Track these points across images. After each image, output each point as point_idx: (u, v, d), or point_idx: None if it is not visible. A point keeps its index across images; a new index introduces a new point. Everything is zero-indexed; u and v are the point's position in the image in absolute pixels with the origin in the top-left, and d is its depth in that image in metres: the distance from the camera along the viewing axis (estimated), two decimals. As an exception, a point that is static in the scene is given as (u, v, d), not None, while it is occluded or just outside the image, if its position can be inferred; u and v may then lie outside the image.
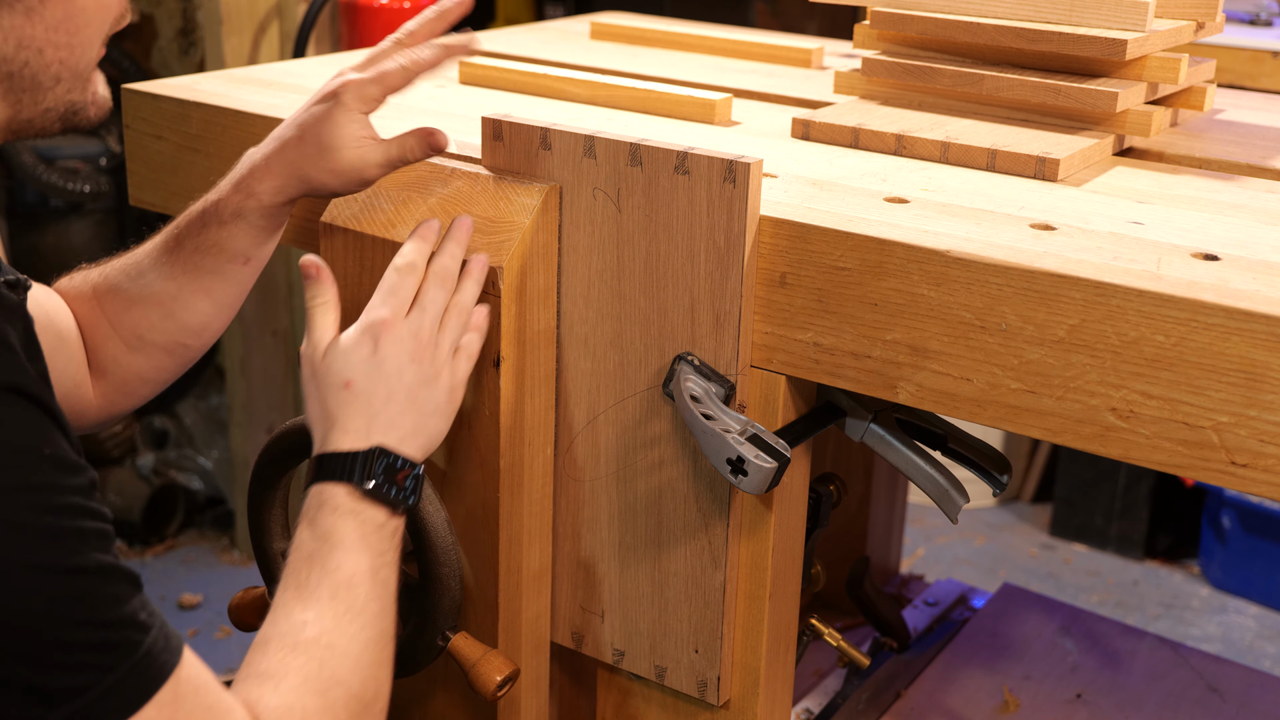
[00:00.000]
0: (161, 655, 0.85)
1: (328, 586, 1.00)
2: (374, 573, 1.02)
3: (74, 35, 0.94)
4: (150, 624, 0.85)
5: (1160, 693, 1.58)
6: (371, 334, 1.08)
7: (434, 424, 1.09)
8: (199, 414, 3.25)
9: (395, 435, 1.06)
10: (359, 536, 1.02)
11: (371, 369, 1.07)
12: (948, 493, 1.21)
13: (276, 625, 0.98)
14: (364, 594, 1.01)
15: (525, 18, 3.39)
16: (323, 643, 0.97)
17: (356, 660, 0.99)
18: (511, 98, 1.53)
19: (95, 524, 0.83)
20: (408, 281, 1.11)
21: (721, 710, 1.25)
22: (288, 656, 0.96)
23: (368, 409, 1.06)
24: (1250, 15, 2.62)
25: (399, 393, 1.07)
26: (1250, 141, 1.40)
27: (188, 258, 1.21)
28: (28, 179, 2.95)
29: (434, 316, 1.10)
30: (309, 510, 1.04)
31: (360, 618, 1.00)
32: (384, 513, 1.04)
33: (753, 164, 1.07)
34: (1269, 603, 3.09)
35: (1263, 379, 0.91)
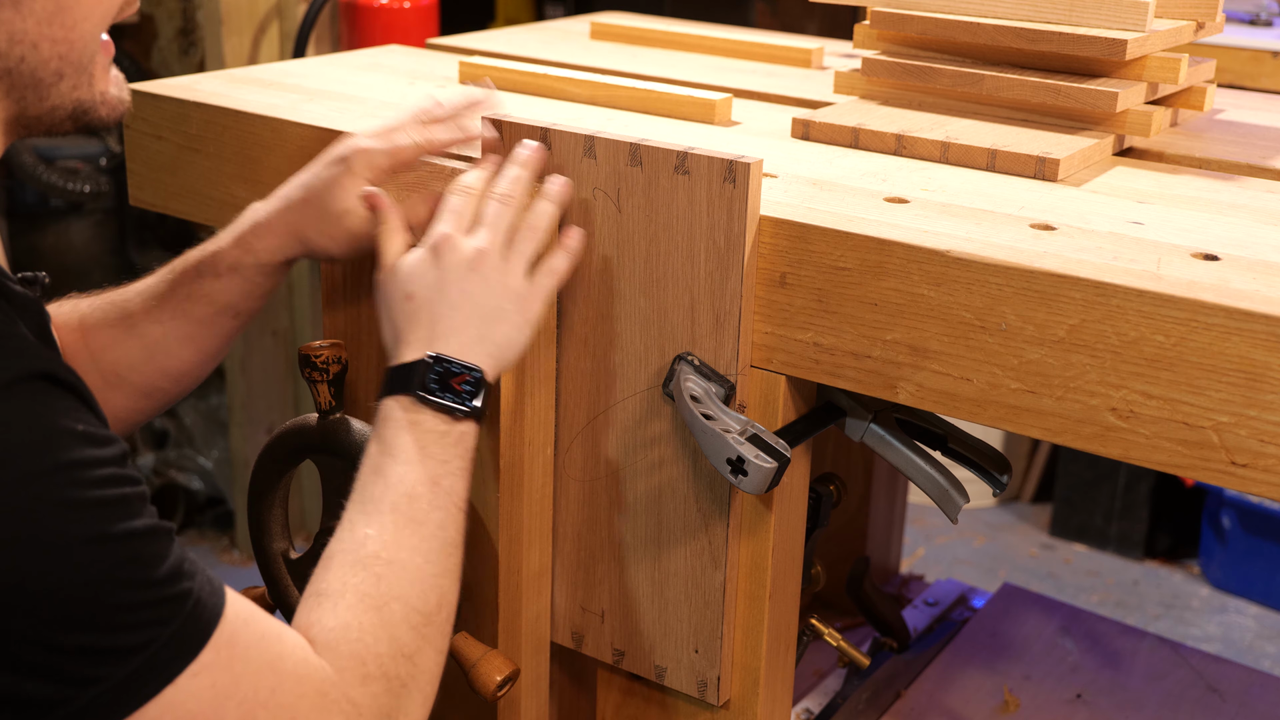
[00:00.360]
0: (210, 599, 0.88)
1: (389, 500, 1.01)
2: (435, 482, 1.02)
3: (70, 30, 0.94)
4: (195, 571, 0.88)
5: (1160, 693, 1.58)
6: (433, 249, 1.08)
7: (501, 330, 1.08)
8: (199, 414, 3.26)
9: (456, 343, 1.05)
10: (419, 447, 1.02)
11: (431, 280, 1.07)
12: (948, 493, 1.21)
13: (340, 541, 1.00)
14: (425, 504, 1.01)
15: (525, 18, 3.39)
16: (383, 558, 0.98)
17: (417, 572, 0.99)
18: (511, 98, 1.53)
19: (133, 489, 0.86)
20: (469, 201, 1.11)
21: (721, 710, 1.25)
22: (347, 573, 0.98)
23: (429, 318, 1.06)
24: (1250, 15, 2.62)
25: (460, 301, 1.06)
26: (1250, 141, 1.40)
27: (178, 305, 1.22)
28: (28, 179, 2.95)
29: (497, 229, 1.09)
30: (376, 425, 1.05)
31: (421, 529, 1.00)
32: (443, 420, 1.04)
33: (753, 164, 1.07)
34: (1269, 603, 3.09)
35: (1263, 379, 0.91)
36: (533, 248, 1.11)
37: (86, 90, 0.98)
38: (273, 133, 1.41)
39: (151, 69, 3.07)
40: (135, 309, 1.23)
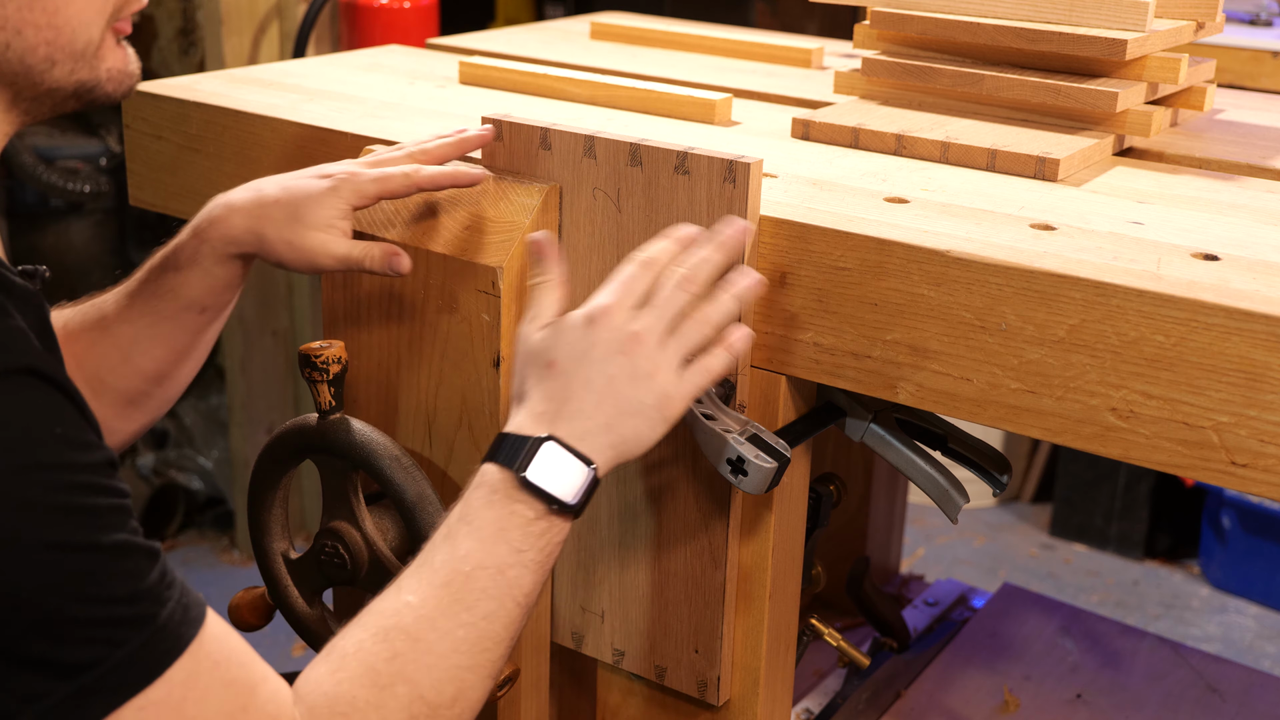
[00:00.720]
0: (178, 629, 0.83)
1: (445, 572, 0.95)
2: (500, 570, 0.95)
3: (53, 15, 0.92)
4: (168, 597, 0.83)
5: (1160, 693, 1.58)
6: (589, 319, 0.99)
7: (632, 425, 0.99)
8: (199, 414, 3.26)
9: (580, 428, 0.98)
10: (500, 528, 0.96)
11: (578, 353, 0.99)
12: (948, 493, 1.21)
13: (384, 600, 0.95)
14: (479, 590, 0.94)
15: (525, 18, 3.39)
16: (410, 633, 0.93)
17: (439, 659, 0.93)
18: (511, 98, 1.54)
19: (110, 500, 0.82)
20: (645, 275, 1.02)
21: (721, 710, 1.25)
22: (367, 638, 0.93)
23: (562, 393, 0.99)
24: (1250, 15, 2.62)
25: (597, 383, 0.98)
26: (1250, 141, 1.40)
27: (145, 302, 1.20)
28: (28, 179, 2.95)
29: (664, 315, 1.00)
30: (469, 485, 0.99)
31: (465, 614, 0.94)
32: (538, 508, 0.96)
33: (753, 164, 1.07)
34: (1269, 603, 3.09)
35: (1263, 379, 0.91)
36: (697, 343, 1.01)
37: (89, 72, 0.96)
38: (273, 133, 1.41)
39: (151, 69, 3.07)
40: (109, 310, 1.21)
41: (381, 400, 1.27)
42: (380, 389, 1.27)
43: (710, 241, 1.04)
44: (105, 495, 0.82)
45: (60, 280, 3.06)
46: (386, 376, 1.26)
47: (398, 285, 1.22)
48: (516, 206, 1.17)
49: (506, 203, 1.18)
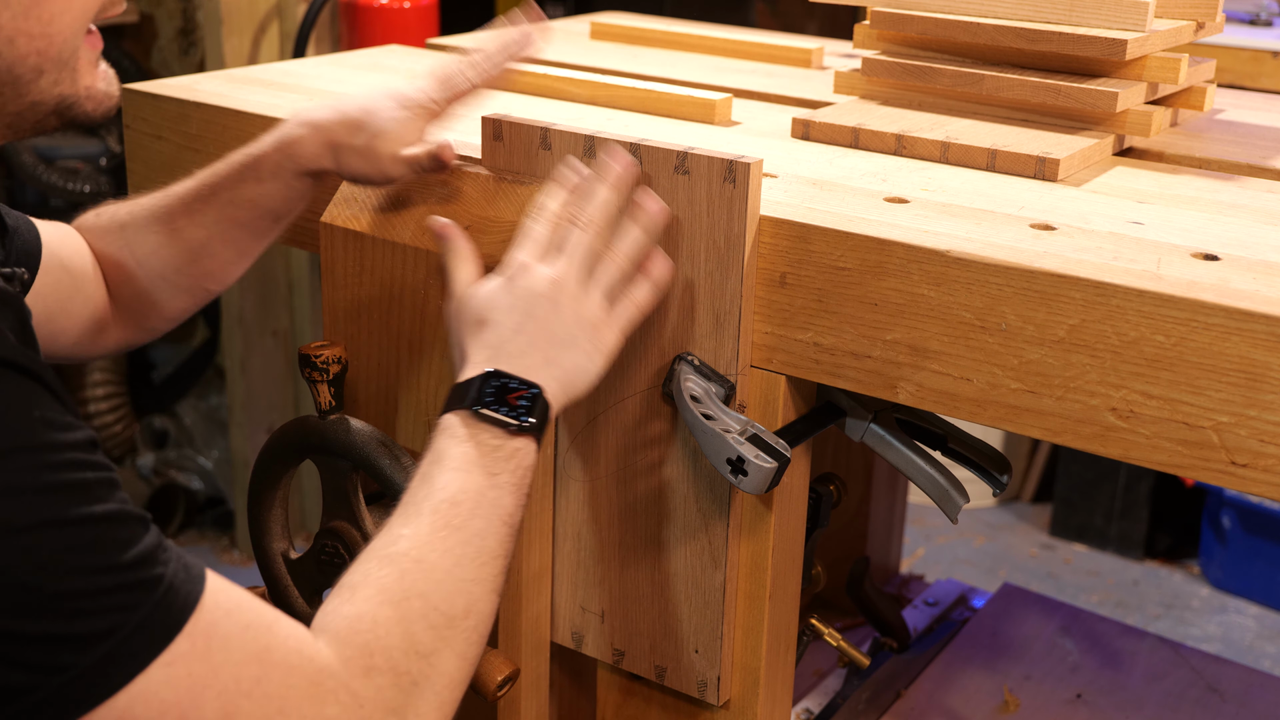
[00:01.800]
0: (185, 587, 0.85)
1: (430, 503, 0.99)
2: (481, 493, 1.00)
3: (47, 24, 0.92)
4: (167, 558, 0.85)
5: (1160, 693, 1.58)
6: (507, 275, 1.06)
7: (569, 357, 1.05)
8: (199, 414, 3.26)
9: (519, 364, 1.04)
10: (468, 458, 1.00)
11: (504, 305, 1.05)
12: (948, 493, 1.21)
13: (378, 539, 0.98)
14: (466, 511, 0.98)
15: (525, 18, 3.38)
16: (411, 555, 0.96)
17: (445, 574, 0.96)
18: (511, 98, 1.54)
19: (97, 474, 0.84)
20: (548, 227, 1.08)
21: (721, 710, 1.25)
22: (372, 566, 0.96)
23: (495, 340, 1.04)
24: (1250, 15, 2.62)
25: (528, 327, 1.04)
26: (1250, 141, 1.40)
27: (221, 209, 1.24)
28: (28, 179, 2.95)
29: (574, 258, 1.06)
30: (433, 437, 1.03)
31: (458, 534, 0.98)
32: (498, 434, 1.01)
33: (753, 164, 1.07)
34: (1269, 603, 3.09)
35: (1263, 379, 0.91)
36: (613, 277, 1.08)
37: (70, 85, 0.97)
38: (273, 133, 1.41)
39: (151, 69, 3.07)
40: (178, 214, 1.25)
41: (381, 400, 1.27)
42: (380, 389, 1.27)
43: (601, 180, 1.09)
44: (92, 470, 0.83)
45: (60, 280, 3.06)
46: (386, 376, 1.26)
47: (398, 285, 1.22)
48: (517, 206, 1.17)
49: (506, 203, 1.18)
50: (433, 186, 1.22)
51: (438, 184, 1.22)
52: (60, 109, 0.97)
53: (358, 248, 1.24)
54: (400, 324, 1.23)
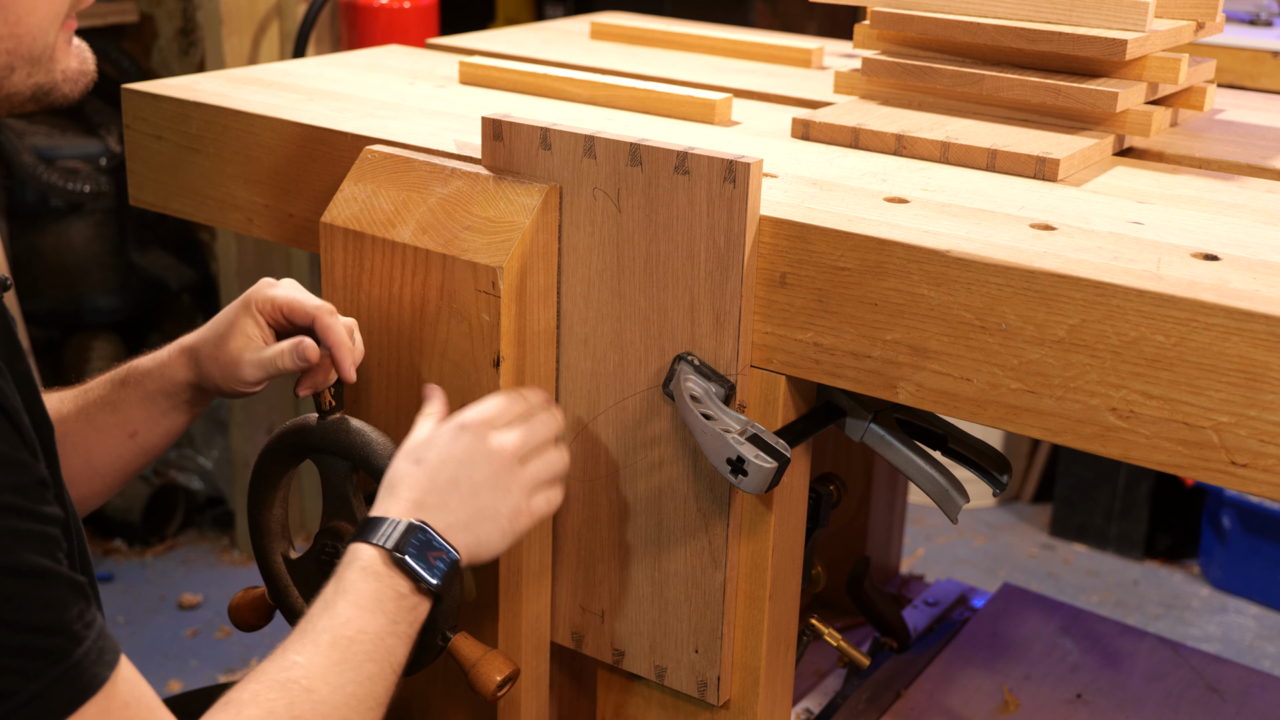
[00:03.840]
0: (93, 668, 0.83)
1: (329, 635, 0.99)
2: (380, 638, 1.01)
3: (15, 24, 0.92)
4: (84, 635, 0.83)
5: (1160, 693, 1.58)
6: (461, 426, 1.09)
7: (486, 529, 1.08)
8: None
9: (443, 519, 1.06)
10: (376, 599, 1.02)
11: (446, 455, 1.08)
12: (948, 493, 1.21)
13: (271, 661, 0.98)
14: (363, 652, 0.99)
15: (525, 18, 3.39)
16: (303, 684, 0.96)
17: (333, 710, 0.97)
18: (511, 98, 1.53)
19: (32, 525, 0.82)
20: (516, 405, 1.12)
21: (721, 710, 1.25)
22: (263, 689, 0.95)
23: (427, 486, 1.07)
24: (1250, 15, 2.62)
25: (463, 484, 1.07)
26: (1250, 141, 1.40)
27: (87, 405, 1.24)
28: (28, 179, 2.95)
29: (528, 443, 1.11)
30: (341, 564, 1.04)
31: (351, 672, 0.99)
32: (408, 585, 1.03)
33: (753, 164, 1.07)
34: (1269, 603, 3.09)
35: (1263, 379, 0.91)
36: (547, 476, 1.12)
37: (45, 75, 0.97)
38: (273, 133, 1.41)
39: (151, 69, 3.07)
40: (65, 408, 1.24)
41: (381, 400, 1.27)
42: (380, 389, 1.27)
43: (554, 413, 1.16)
44: (28, 519, 0.82)
45: (60, 280, 3.06)
46: (387, 376, 1.26)
47: (398, 286, 1.22)
48: (516, 206, 1.17)
49: (506, 203, 1.18)
50: (432, 186, 1.22)
51: (438, 184, 1.22)
52: (37, 96, 0.98)
53: (358, 248, 1.24)
54: (400, 324, 1.23)
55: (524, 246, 1.16)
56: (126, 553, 3.11)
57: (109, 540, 3.14)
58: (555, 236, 1.19)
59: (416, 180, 1.24)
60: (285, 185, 1.42)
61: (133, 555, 3.11)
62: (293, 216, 1.41)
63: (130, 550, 3.12)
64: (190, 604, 2.93)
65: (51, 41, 0.96)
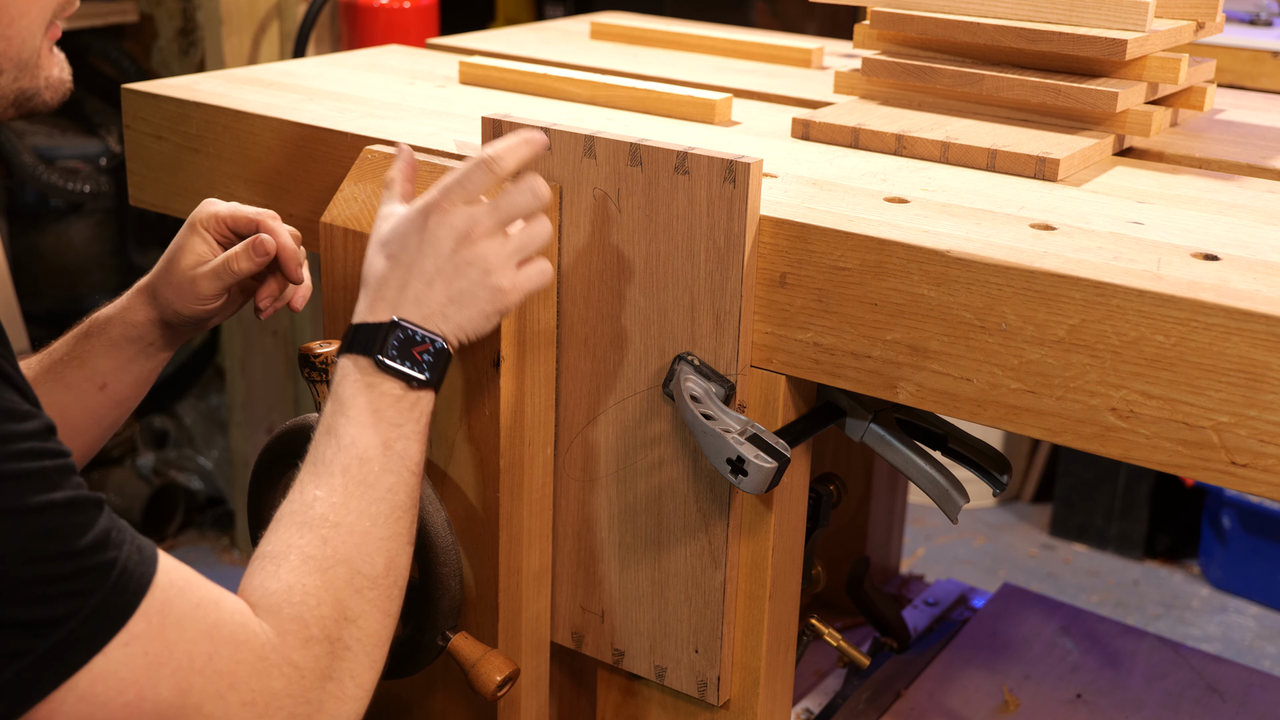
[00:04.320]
0: (138, 569, 0.87)
1: (340, 462, 1.00)
2: (387, 446, 1.01)
3: (7, 26, 0.93)
4: (121, 540, 0.87)
5: (1160, 693, 1.58)
6: (423, 212, 1.05)
7: (468, 312, 1.05)
8: (199, 414, 3.25)
9: (421, 311, 1.04)
10: (374, 410, 1.02)
11: (412, 244, 1.05)
12: (948, 493, 1.21)
13: (290, 503, 1.00)
14: (377, 468, 1.01)
15: (525, 18, 3.39)
16: (330, 520, 0.98)
17: (364, 536, 0.99)
18: (511, 98, 1.53)
19: (54, 461, 0.85)
20: (479, 175, 1.05)
21: (721, 710, 1.25)
22: (293, 535, 0.98)
23: (401, 280, 1.05)
24: (1250, 15, 2.62)
25: (432, 272, 1.04)
26: (1250, 141, 1.40)
27: (54, 364, 1.25)
28: (28, 179, 2.94)
29: (502, 218, 1.05)
30: (334, 382, 1.04)
31: (370, 492, 1.00)
32: (400, 385, 1.03)
33: (753, 164, 1.07)
34: (1269, 603, 3.09)
35: (1263, 379, 0.91)
36: (529, 249, 1.07)
37: (29, 80, 0.98)
38: (273, 133, 1.41)
39: (151, 69, 3.07)
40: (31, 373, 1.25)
41: (381, 400, 1.27)
42: (380, 389, 1.27)
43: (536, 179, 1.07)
44: (49, 458, 0.85)
45: (60, 280, 3.06)
46: (386, 376, 1.26)
47: (398, 285, 1.22)
48: (516, 206, 1.17)
49: (506, 203, 1.18)
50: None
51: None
52: (19, 101, 0.98)
53: (358, 248, 1.24)
54: (400, 324, 1.23)
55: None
56: (126, 553, 3.11)
57: (109, 540, 3.14)
58: (555, 236, 1.19)
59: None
60: (285, 185, 1.42)
61: (133, 555, 3.10)
62: (293, 216, 1.41)
63: (130, 550, 3.12)
64: (190, 604, 2.93)
65: (38, 46, 0.97)
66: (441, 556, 1.16)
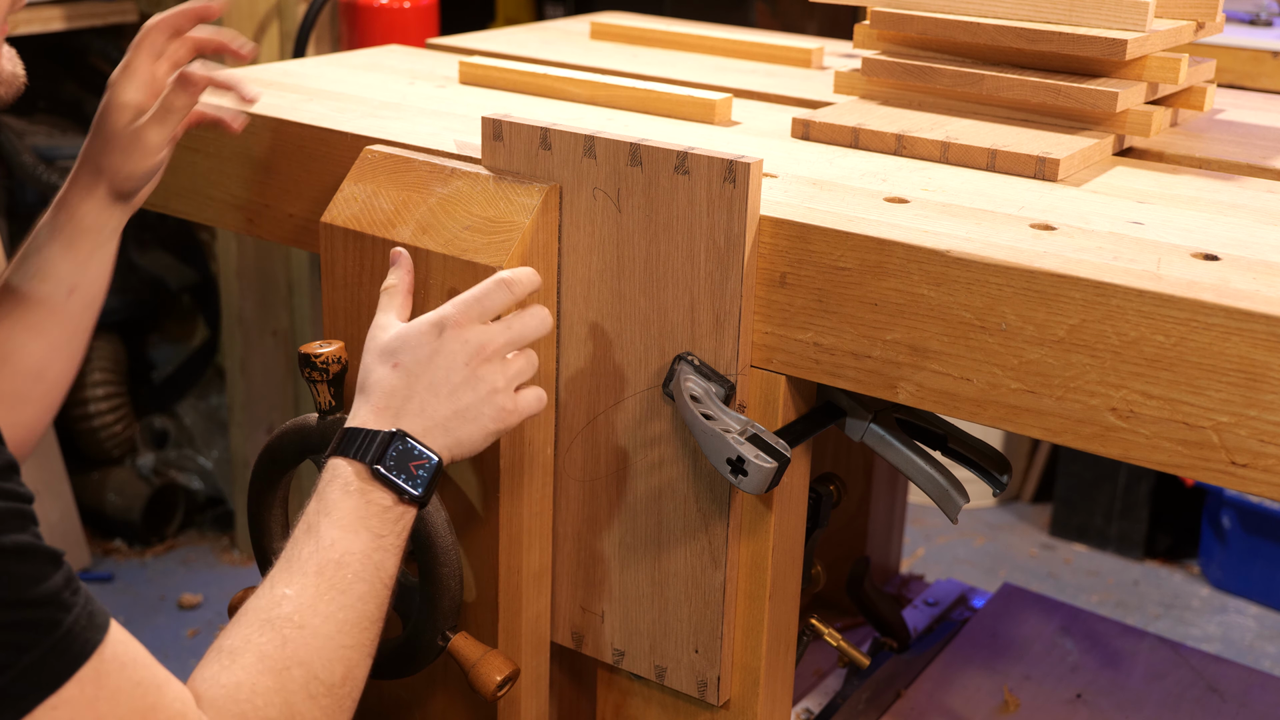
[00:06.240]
0: (84, 634, 0.84)
1: (315, 562, 0.98)
2: (367, 555, 1.00)
3: None
4: (73, 602, 0.84)
5: (1160, 693, 1.58)
6: (438, 325, 1.06)
7: (468, 430, 1.06)
8: (199, 414, 3.25)
9: (421, 424, 1.04)
10: (359, 516, 1.01)
11: (423, 355, 1.05)
12: (948, 493, 1.21)
13: (259, 598, 0.98)
14: (351, 574, 0.99)
15: (525, 18, 3.39)
16: (294, 620, 0.96)
17: (327, 640, 0.97)
18: (511, 98, 1.53)
19: (9, 505, 0.83)
20: (497, 296, 1.08)
21: (721, 710, 1.25)
22: (253, 632, 0.95)
23: (405, 391, 1.04)
24: (1250, 15, 2.62)
25: (442, 386, 1.04)
26: (1250, 141, 1.40)
27: (11, 294, 1.21)
28: (28, 179, 2.94)
29: (512, 340, 1.08)
30: (321, 481, 1.03)
31: (341, 597, 0.98)
32: (391, 497, 1.02)
33: (753, 164, 1.07)
34: (1269, 603, 3.09)
35: (1263, 379, 0.91)
36: (527, 375, 1.10)
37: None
38: (273, 133, 1.41)
39: (151, 69, 3.07)
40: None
41: (381, 400, 1.27)
42: (380, 389, 1.27)
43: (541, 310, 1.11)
44: (7, 499, 0.82)
45: (60, 280, 3.06)
46: (386, 376, 1.26)
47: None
48: (516, 206, 1.17)
49: (506, 203, 1.18)
50: (432, 186, 1.23)
51: (438, 184, 1.22)
52: None
53: (358, 248, 1.24)
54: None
55: (524, 246, 1.16)
56: (126, 553, 3.11)
57: (109, 540, 3.14)
58: (555, 236, 1.19)
59: (416, 180, 1.24)
60: (285, 185, 1.42)
61: (133, 555, 3.11)
62: (293, 216, 1.41)
63: (130, 550, 3.12)
64: (190, 604, 2.93)
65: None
66: (441, 556, 1.16)
